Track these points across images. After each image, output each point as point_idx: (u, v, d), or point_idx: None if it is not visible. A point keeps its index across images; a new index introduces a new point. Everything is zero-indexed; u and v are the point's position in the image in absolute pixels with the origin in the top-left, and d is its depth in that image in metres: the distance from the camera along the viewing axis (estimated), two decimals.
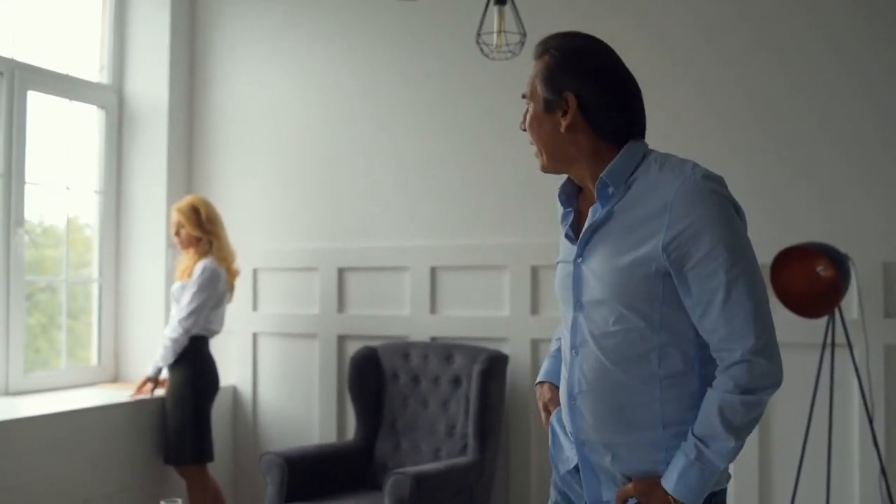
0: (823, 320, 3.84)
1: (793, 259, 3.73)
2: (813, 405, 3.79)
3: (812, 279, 3.72)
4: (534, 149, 2.05)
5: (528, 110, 2.04)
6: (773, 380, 1.84)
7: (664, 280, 1.85)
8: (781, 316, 3.97)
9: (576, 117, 1.92)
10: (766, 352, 1.82)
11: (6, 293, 4.50)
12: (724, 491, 1.97)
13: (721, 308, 1.80)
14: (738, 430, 1.82)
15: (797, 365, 4.00)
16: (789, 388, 3.98)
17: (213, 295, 4.49)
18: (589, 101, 1.92)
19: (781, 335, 3.94)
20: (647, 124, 2.01)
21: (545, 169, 2.03)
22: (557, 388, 2.12)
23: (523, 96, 2.04)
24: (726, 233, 1.80)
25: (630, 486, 1.90)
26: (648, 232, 1.84)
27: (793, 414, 4.01)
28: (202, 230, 4.55)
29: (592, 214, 1.95)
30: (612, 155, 1.93)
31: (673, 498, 1.84)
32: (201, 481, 4.50)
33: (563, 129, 1.94)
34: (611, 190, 1.92)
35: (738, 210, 1.88)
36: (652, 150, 1.96)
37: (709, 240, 1.79)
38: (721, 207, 1.82)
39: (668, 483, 1.85)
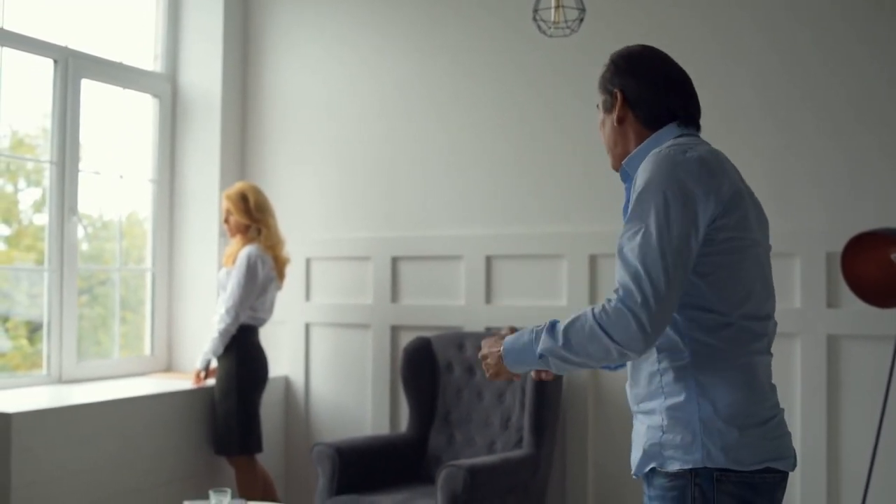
0: None
1: (865, 246, 3.58)
2: (886, 401, 3.63)
3: (885, 267, 3.55)
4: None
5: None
6: (626, 336, 1.84)
7: None
8: (851, 306, 3.86)
9: (623, 109, 2.12)
10: (627, 304, 1.84)
11: (59, 281, 4.51)
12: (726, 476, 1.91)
13: (625, 249, 1.89)
14: (569, 343, 1.90)
15: (868, 358, 3.89)
16: (860, 383, 3.89)
17: (256, 282, 4.44)
18: (631, 93, 2.11)
19: (851, 327, 3.87)
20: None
21: (614, 166, 2.21)
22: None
23: (598, 107, 2.23)
24: (659, 189, 1.89)
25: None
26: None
27: (864, 410, 3.87)
28: (250, 217, 4.51)
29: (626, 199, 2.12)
30: None
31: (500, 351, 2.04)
32: (250, 471, 4.47)
33: (615, 123, 2.13)
34: (630, 176, 2.10)
35: (697, 178, 1.90)
36: (684, 137, 2.05)
37: (642, 185, 1.92)
38: (667, 164, 1.92)
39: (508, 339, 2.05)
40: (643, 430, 2.01)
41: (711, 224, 1.91)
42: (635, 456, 2.05)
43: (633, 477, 2.09)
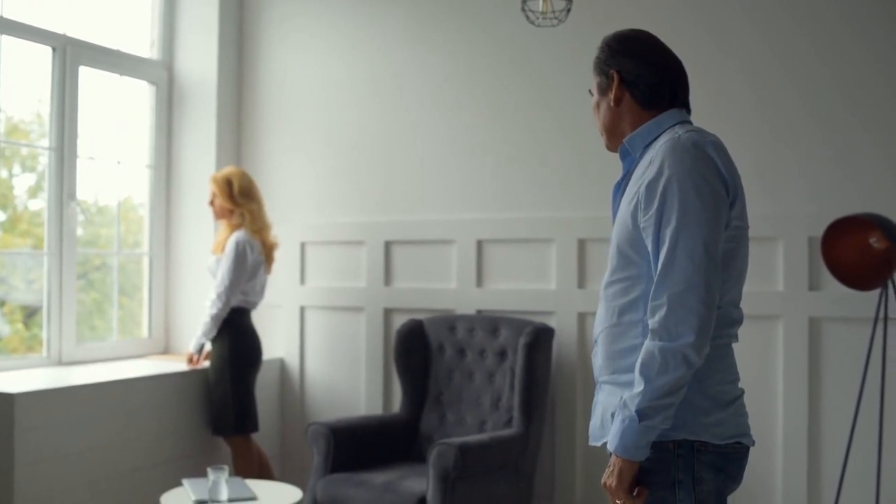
0: (875, 293, 3.78)
1: (845, 230, 3.67)
2: (864, 381, 3.73)
3: (864, 251, 3.65)
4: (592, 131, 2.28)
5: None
6: (690, 330, 1.88)
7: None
8: (832, 289, 3.96)
9: (619, 90, 2.14)
10: (686, 303, 1.89)
11: (59, 265, 4.59)
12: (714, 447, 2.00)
13: (665, 252, 1.92)
14: (650, 377, 1.90)
15: (847, 339, 3.98)
16: (839, 364, 3.99)
17: (245, 268, 4.51)
18: (629, 74, 2.14)
19: (832, 309, 3.96)
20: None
21: (609, 147, 2.25)
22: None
23: (590, 92, 2.26)
24: (686, 184, 1.92)
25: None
26: (639, 182, 2.02)
27: (843, 390, 3.97)
28: (233, 202, 4.57)
29: (621, 175, 2.18)
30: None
31: (614, 454, 1.98)
32: (246, 451, 4.55)
33: (612, 104, 2.15)
34: (630, 153, 2.14)
35: (717, 170, 1.96)
36: (685, 122, 2.11)
37: (666, 182, 1.93)
38: (691, 159, 1.94)
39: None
40: (612, 401, 2.06)
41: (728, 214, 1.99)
42: (598, 424, 2.13)
43: (591, 444, 2.17)
